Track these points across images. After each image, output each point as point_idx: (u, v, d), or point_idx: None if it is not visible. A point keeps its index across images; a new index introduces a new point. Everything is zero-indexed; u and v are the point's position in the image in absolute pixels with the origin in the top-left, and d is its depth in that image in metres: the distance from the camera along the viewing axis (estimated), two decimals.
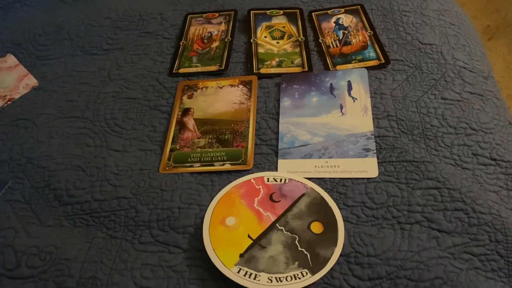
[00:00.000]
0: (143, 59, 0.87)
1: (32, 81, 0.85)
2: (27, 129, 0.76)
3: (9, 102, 0.82)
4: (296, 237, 0.58)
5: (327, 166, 0.66)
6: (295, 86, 0.77)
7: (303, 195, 0.63)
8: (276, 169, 0.67)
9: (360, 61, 0.80)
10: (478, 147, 0.67)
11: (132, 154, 0.71)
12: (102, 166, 0.70)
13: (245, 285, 0.54)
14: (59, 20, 0.96)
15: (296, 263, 0.56)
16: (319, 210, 0.61)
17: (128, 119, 0.77)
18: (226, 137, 0.72)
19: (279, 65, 0.82)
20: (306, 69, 0.80)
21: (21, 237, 0.62)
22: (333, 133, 0.70)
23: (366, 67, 0.78)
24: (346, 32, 0.86)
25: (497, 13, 1.70)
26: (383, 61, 0.79)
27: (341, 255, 0.57)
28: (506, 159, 0.66)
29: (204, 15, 0.94)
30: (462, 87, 0.75)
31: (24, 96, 0.83)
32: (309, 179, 0.65)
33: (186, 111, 0.76)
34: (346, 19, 0.89)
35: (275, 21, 0.91)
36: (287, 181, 0.65)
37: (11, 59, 0.90)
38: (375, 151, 0.67)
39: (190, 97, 0.78)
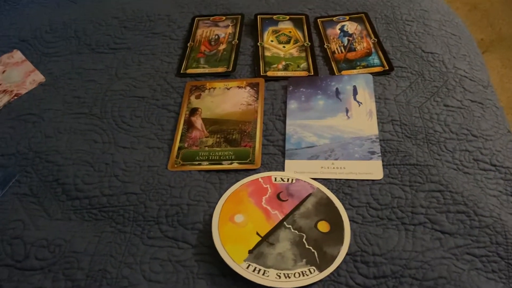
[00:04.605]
0: (150, 59, 0.88)
1: (39, 77, 0.86)
2: (34, 124, 0.77)
3: (15, 97, 0.82)
4: (303, 235, 0.60)
5: (333, 168, 0.68)
6: (301, 89, 0.79)
7: (310, 195, 0.64)
8: (283, 169, 0.69)
9: (364, 67, 0.82)
10: (479, 153, 0.69)
11: (140, 151, 0.72)
12: (110, 162, 0.70)
13: (254, 280, 0.55)
14: (66, 18, 0.97)
15: (304, 260, 0.57)
16: (326, 210, 0.62)
17: (135, 117, 0.77)
18: (234, 137, 0.73)
19: (285, 68, 0.83)
20: (312, 73, 0.82)
21: (30, 229, 0.62)
22: (339, 135, 0.72)
23: (370, 73, 0.80)
24: (350, 39, 0.88)
25: (491, 27, 1.75)
26: (387, 68, 0.81)
27: (347, 253, 0.59)
28: (505, 165, 0.68)
29: (211, 18, 0.95)
30: (463, 95, 0.77)
31: (30, 91, 0.83)
32: (316, 179, 0.67)
33: (193, 111, 0.77)
34: (351, 27, 0.91)
35: (281, 26, 0.92)
36: (294, 181, 0.66)
37: (17, 55, 0.90)
38: (380, 154, 0.69)
39: (197, 97, 0.79)
